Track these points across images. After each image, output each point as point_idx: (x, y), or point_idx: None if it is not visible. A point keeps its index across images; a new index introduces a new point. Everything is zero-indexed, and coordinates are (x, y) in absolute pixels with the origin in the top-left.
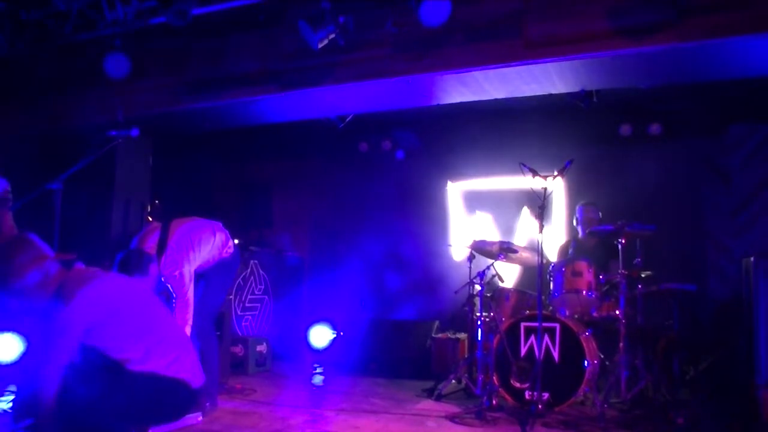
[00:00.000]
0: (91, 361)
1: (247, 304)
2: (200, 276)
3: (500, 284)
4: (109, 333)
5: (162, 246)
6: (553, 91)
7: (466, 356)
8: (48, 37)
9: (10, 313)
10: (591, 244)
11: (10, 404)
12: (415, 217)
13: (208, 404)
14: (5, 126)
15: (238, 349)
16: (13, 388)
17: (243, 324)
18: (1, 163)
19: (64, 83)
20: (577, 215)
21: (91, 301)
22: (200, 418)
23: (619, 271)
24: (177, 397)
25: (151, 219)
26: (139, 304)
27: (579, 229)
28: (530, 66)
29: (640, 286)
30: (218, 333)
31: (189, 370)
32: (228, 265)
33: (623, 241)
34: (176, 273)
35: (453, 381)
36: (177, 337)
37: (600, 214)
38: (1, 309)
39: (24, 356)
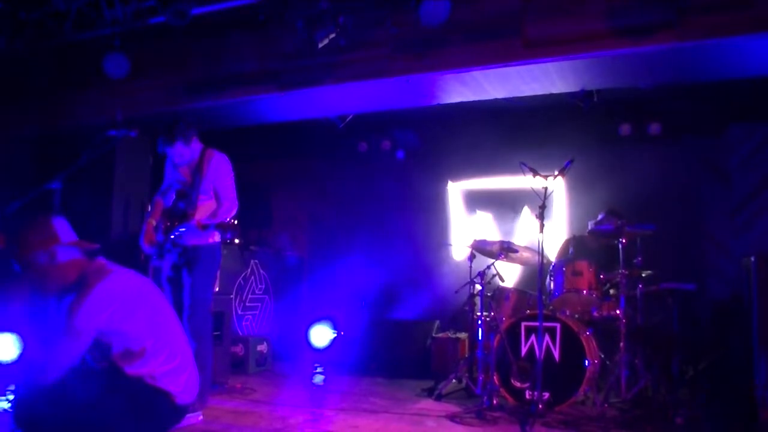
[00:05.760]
0: (87, 359)
1: (247, 304)
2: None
3: (500, 284)
4: (116, 330)
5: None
6: (553, 91)
7: (466, 356)
8: (47, 36)
9: (16, 299)
10: (593, 244)
11: (10, 404)
12: (415, 216)
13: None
14: (4, 125)
15: (238, 349)
16: (13, 387)
17: (243, 323)
18: (1, 162)
19: (64, 83)
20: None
21: (108, 294)
22: (200, 418)
23: (620, 271)
24: (159, 409)
25: None
26: (152, 306)
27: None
28: (530, 66)
29: (640, 286)
30: (217, 333)
31: (181, 385)
32: (212, 254)
33: (623, 241)
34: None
35: (453, 381)
36: (180, 348)
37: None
38: (6, 300)
39: (29, 349)
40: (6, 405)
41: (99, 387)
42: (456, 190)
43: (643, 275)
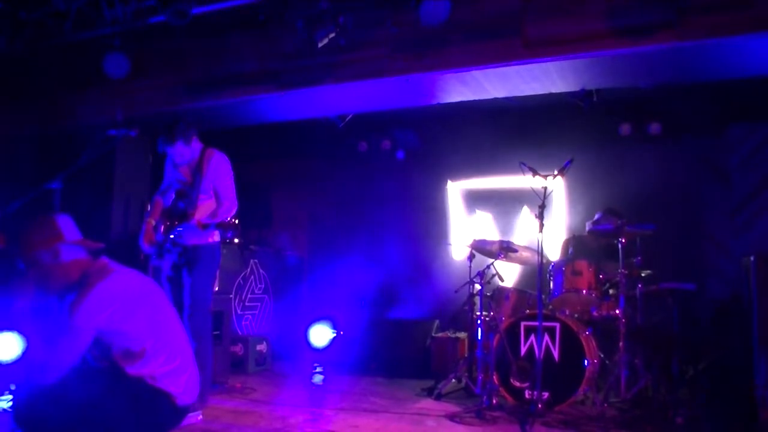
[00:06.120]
0: (88, 359)
1: (247, 303)
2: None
3: (500, 283)
4: (116, 330)
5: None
6: (553, 90)
7: (466, 355)
8: (47, 36)
9: (18, 298)
10: (592, 244)
11: (10, 404)
12: (415, 216)
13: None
14: (4, 125)
15: (238, 348)
16: (13, 387)
17: (243, 323)
18: (1, 162)
19: (64, 83)
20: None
21: (108, 294)
22: (200, 417)
23: (619, 271)
24: (159, 411)
25: None
26: (153, 306)
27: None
28: (530, 65)
29: (639, 286)
30: (216, 332)
31: (182, 386)
32: (212, 254)
33: (623, 241)
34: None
35: (453, 380)
36: (181, 349)
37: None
38: (8, 299)
39: (31, 348)
40: (6, 405)
41: (100, 387)
42: (456, 190)
43: (643, 275)
